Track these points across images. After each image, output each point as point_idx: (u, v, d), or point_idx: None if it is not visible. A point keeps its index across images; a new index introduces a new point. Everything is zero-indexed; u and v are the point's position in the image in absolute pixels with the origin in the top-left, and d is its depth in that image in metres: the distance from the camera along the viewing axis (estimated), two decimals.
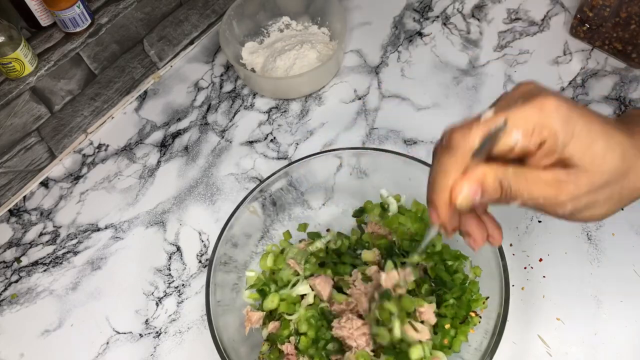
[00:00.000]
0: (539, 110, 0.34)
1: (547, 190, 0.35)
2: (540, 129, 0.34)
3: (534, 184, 0.35)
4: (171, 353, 0.64)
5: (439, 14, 0.88)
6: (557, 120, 0.34)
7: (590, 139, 0.34)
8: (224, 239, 0.61)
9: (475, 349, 0.54)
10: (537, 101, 0.34)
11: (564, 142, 0.34)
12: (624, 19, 0.72)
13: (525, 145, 0.35)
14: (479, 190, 0.35)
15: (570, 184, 0.35)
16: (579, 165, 0.35)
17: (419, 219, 0.61)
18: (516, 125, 0.34)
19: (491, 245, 0.43)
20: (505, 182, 0.35)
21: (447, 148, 0.36)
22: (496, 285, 0.54)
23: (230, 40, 0.84)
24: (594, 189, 0.35)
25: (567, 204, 0.35)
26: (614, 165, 0.35)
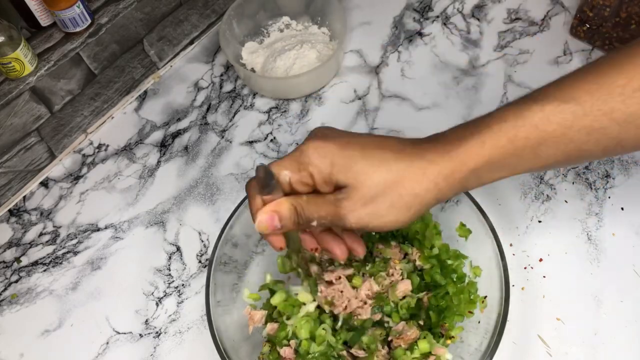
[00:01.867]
0: (300, 154, 0.43)
1: (330, 208, 0.43)
2: (305, 166, 0.43)
3: (321, 205, 0.43)
4: (171, 353, 0.64)
5: (439, 14, 0.88)
6: (314, 158, 0.43)
7: (348, 162, 0.42)
8: (224, 239, 0.61)
9: (475, 349, 0.54)
10: (300, 147, 0.44)
11: (328, 172, 0.42)
12: (624, 19, 0.72)
13: (298, 179, 0.43)
14: (276, 217, 0.43)
15: (345, 200, 0.42)
16: (346, 184, 0.42)
17: (418, 219, 0.60)
18: (285, 168, 0.44)
19: (356, 256, 0.49)
20: (299, 207, 0.43)
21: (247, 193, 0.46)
22: (496, 285, 0.54)
23: (230, 40, 0.84)
24: (367, 200, 0.42)
25: (348, 216, 0.42)
26: (380, 178, 0.42)
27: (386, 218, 0.43)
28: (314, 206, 0.43)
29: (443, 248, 0.59)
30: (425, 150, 0.43)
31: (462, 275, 0.58)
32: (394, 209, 0.42)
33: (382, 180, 0.42)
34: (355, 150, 0.43)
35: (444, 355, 0.54)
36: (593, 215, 0.65)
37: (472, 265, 0.59)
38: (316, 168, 0.43)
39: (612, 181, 0.67)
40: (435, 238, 0.59)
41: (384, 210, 0.42)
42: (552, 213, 0.66)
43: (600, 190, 0.67)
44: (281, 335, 0.55)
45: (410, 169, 0.42)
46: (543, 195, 0.68)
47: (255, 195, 0.44)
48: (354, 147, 0.43)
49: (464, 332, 0.56)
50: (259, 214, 0.44)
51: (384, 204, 0.42)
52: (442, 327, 0.56)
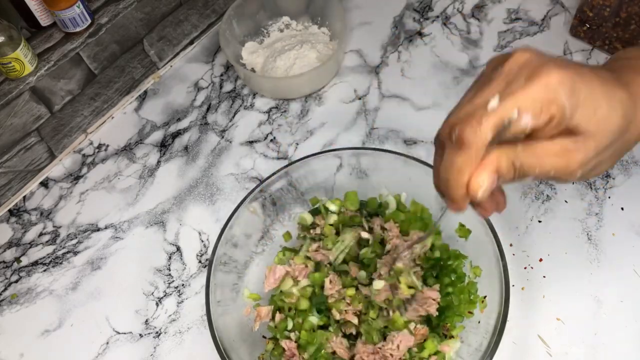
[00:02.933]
0: (544, 89, 0.33)
1: (557, 161, 0.35)
2: (547, 106, 0.34)
3: (544, 157, 0.35)
4: (171, 353, 0.64)
5: (439, 14, 0.88)
6: (563, 94, 0.33)
7: (594, 104, 0.34)
8: (224, 239, 0.61)
9: (475, 349, 0.54)
10: (542, 79, 0.34)
11: (570, 113, 0.34)
12: (624, 18, 0.72)
13: (534, 125, 0.34)
14: (496, 177, 0.35)
15: (579, 151, 0.35)
16: (585, 131, 0.35)
17: (418, 218, 0.61)
18: (525, 109, 0.34)
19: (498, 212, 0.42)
20: (517, 161, 0.35)
21: (459, 145, 0.35)
22: (496, 285, 0.54)
23: (230, 40, 0.84)
24: (600, 151, 0.35)
25: (577, 171, 0.35)
26: (617, 125, 0.35)
27: (603, 167, 0.37)
28: (534, 158, 0.35)
29: (443, 248, 0.59)
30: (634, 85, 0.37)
31: (462, 275, 0.58)
32: (613, 156, 0.37)
33: (618, 126, 0.35)
34: (595, 85, 0.35)
35: (449, 353, 0.54)
36: (593, 215, 0.65)
37: (472, 266, 0.59)
38: (562, 110, 0.34)
39: (612, 181, 0.67)
40: (435, 238, 0.59)
41: (607, 159, 0.37)
42: (552, 213, 0.66)
43: (600, 190, 0.67)
44: (282, 326, 0.56)
45: (636, 113, 0.36)
46: (543, 195, 0.68)
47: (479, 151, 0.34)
48: (591, 81, 0.35)
49: (463, 332, 0.56)
50: (480, 178, 0.35)
51: (608, 153, 0.36)
52: (444, 327, 0.56)
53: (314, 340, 0.55)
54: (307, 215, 0.64)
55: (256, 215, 0.65)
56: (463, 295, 0.57)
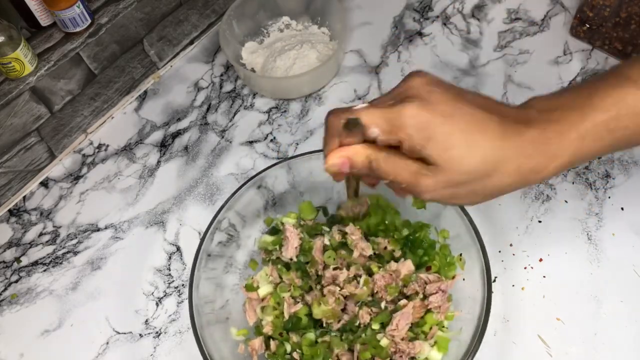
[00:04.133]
0: (397, 116, 0.39)
1: (408, 177, 0.40)
2: (396, 130, 0.39)
3: (401, 169, 0.40)
4: (171, 353, 0.64)
5: (439, 14, 0.88)
6: (411, 127, 0.39)
7: (447, 144, 0.38)
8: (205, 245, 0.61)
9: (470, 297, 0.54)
10: (399, 108, 0.39)
11: (420, 144, 0.39)
12: (624, 19, 0.72)
13: (385, 140, 0.40)
14: (347, 163, 0.42)
15: (429, 178, 0.40)
16: (435, 163, 0.39)
17: (377, 206, 0.61)
18: (375, 124, 0.40)
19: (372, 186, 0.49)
20: (375, 162, 0.41)
21: (325, 126, 0.43)
22: (471, 244, 0.56)
23: (230, 40, 0.84)
24: (452, 185, 0.40)
25: (425, 194, 0.40)
26: (473, 167, 0.39)
27: (461, 201, 0.42)
28: (392, 167, 0.41)
29: (405, 224, 0.61)
30: (524, 139, 0.40)
31: (432, 242, 0.60)
32: (473, 195, 0.41)
33: (475, 169, 0.39)
34: (457, 127, 0.39)
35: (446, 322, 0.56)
36: (593, 215, 0.65)
37: (438, 231, 0.60)
38: (409, 137, 0.39)
39: (612, 181, 0.67)
40: (395, 218, 0.61)
41: (463, 195, 0.41)
42: (552, 213, 0.66)
43: (600, 190, 0.67)
44: (281, 351, 0.56)
45: (507, 162, 0.39)
46: (543, 195, 0.68)
47: (334, 135, 0.42)
48: (457, 123, 0.39)
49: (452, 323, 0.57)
50: (331, 156, 0.42)
51: (465, 189, 0.40)
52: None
53: (318, 352, 0.55)
54: (266, 237, 0.63)
55: (258, 217, 0.65)
56: (439, 259, 0.58)
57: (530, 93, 0.76)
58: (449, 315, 0.56)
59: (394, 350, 0.54)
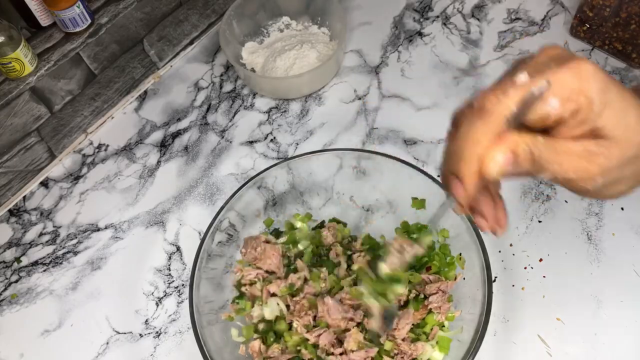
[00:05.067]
0: (576, 75, 0.31)
1: (577, 162, 0.33)
2: (577, 95, 0.31)
3: (565, 155, 0.33)
4: (171, 353, 0.64)
5: (439, 14, 0.88)
6: (594, 87, 0.31)
7: (623, 109, 0.32)
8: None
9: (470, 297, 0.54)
10: (575, 65, 0.31)
11: (598, 110, 0.32)
12: (624, 19, 0.72)
13: (559, 113, 0.32)
14: (512, 159, 0.32)
15: (601, 155, 0.33)
16: (611, 136, 0.32)
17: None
18: (552, 92, 0.31)
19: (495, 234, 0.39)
20: (537, 152, 0.32)
21: (479, 112, 0.32)
22: (471, 244, 0.56)
23: (230, 40, 0.84)
24: (624, 161, 0.33)
25: (598, 177, 0.33)
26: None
27: (622, 186, 0.35)
28: (554, 154, 0.33)
29: (403, 225, 0.61)
30: None
31: (431, 243, 0.59)
32: (636, 175, 0.34)
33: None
34: (627, 93, 0.33)
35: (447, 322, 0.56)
36: (593, 215, 0.65)
37: (438, 231, 0.60)
38: (590, 103, 0.32)
39: None
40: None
41: (628, 176, 0.34)
42: (552, 213, 0.66)
43: None
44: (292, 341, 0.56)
45: None
46: (543, 195, 0.68)
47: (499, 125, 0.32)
48: (624, 89, 0.33)
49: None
50: (496, 149, 0.32)
51: (631, 168, 0.34)
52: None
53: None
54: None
55: (259, 217, 0.65)
56: (439, 259, 0.58)
57: None
58: (449, 316, 0.56)
59: (396, 352, 0.54)
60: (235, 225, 0.64)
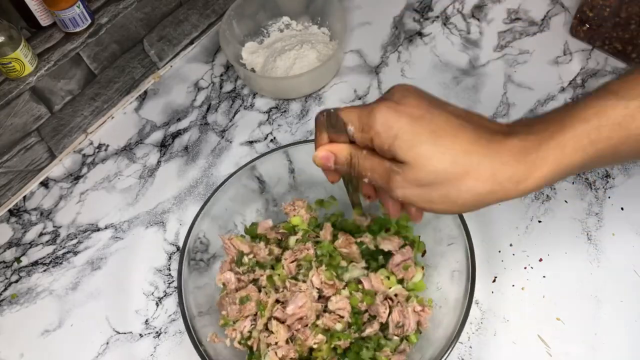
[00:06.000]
0: (367, 114, 0.42)
1: (382, 175, 0.43)
2: (368, 128, 0.42)
3: (376, 167, 0.43)
4: (171, 353, 0.64)
5: (439, 14, 0.88)
6: (379, 124, 0.41)
7: (413, 142, 0.40)
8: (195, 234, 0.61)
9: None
10: (371, 107, 0.42)
11: (387, 142, 0.41)
12: (624, 19, 0.72)
13: (359, 137, 0.43)
14: (332, 158, 0.45)
15: (398, 175, 0.41)
16: (404, 160, 0.41)
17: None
18: (350, 121, 0.43)
19: (413, 220, 0.49)
20: (355, 159, 0.44)
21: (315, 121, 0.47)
22: (462, 257, 0.56)
23: (230, 40, 0.84)
24: (421, 184, 0.41)
25: (396, 190, 0.42)
26: (442, 168, 0.40)
27: (435, 206, 0.42)
28: (369, 164, 0.44)
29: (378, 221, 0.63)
30: (501, 147, 0.40)
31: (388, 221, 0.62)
32: (447, 200, 0.41)
33: (444, 170, 0.40)
34: (425, 129, 0.41)
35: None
36: (593, 215, 0.65)
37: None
38: (378, 135, 0.42)
39: (612, 181, 0.67)
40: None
41: (437, 198, 0.41)
42: (552, 213, 0.66)
43: (600, 190, 0.67)
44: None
45: (479, 167, 0.39)
46: (543, 195, 0.68)
47: (322, 130, 0.46)
48: (426, 125, 0.41)
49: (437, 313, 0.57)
50: (320, 148, 0.46)
51: (437, 192, 0.41)
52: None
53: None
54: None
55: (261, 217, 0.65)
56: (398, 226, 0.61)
57: (530, 93, 0.76)
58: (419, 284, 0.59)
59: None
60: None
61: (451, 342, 0.51)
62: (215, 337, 0.56)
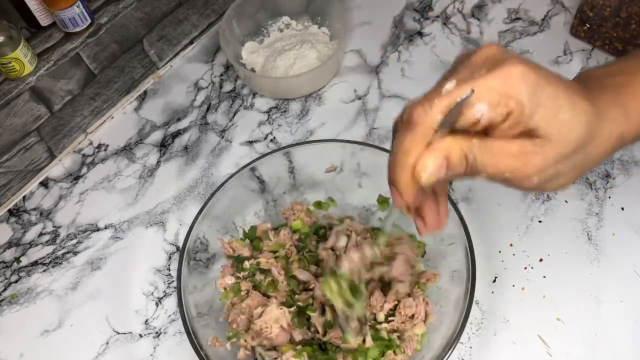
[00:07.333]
0: (504, 80, 0.32)
1: (513, 162, 0.34)
2: (506, 99, 0.32)
3: (500, 156, 0.34)
4: (171, 353, 0.64)
5: (439, 14, 0.88)
6: (523, 90, 0.32)
7: (556, 108, 0.33)
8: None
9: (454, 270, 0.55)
10: (503, 70, 0.32)
11: (530, 112, 0.33)
12: (624, 18, 0.72)
13: (490, 117, 0.33)
14: (445, 165, 0.33)
15: (537, 155, 0.34)
16: (545, 135, 0.33)
17: None
18: (481, 97, 0.32)
19: (437, 228, 0.41)
20: (471, 155, 0.33)
21: (407, 125, 0.34)
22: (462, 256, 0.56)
23: (230, 40, 0.84)
24: (560, 159, 0.34)
25: (534, 176, 0.34)
26: (580, 134, 0.34)
27: (561, 180, 0.36)
28: (489, 156, 0.34)
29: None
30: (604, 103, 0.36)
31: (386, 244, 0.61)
32: (574, 170, 0.35)
33: (580, 135, 0.34)
34: (560, 90, 0.33)
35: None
36: (593, 215, 0.65)
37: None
38: (521, 106, 0.32)
39: (612, 181, 0.67)
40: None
41: (565, 172, 0.35)
42: (552, 213, 0.66)
43: (600, 190, 0.67)
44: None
45: (602, 126, 0.35)
46: (543, 195, 0.68)
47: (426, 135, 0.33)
48: (557, 84, 0.34)
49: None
50: (426, 157, 0.33)
51: (568, 164, 0.35)
52: None
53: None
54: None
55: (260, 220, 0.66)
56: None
57: None
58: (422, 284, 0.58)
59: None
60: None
61: (452, 342, 0.51)
62: (217, 341, 0.56)
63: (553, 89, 0.33)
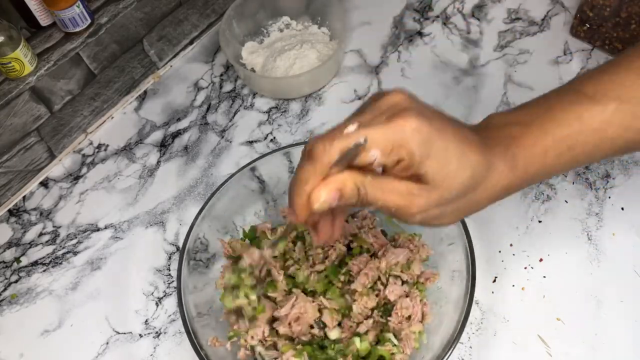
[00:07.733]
0: (399, 131, 0.35)
1: (399, 200, 0.37)
2: (398, 149, 0.35)
3: (389, 193, 0.37)
4: (171, 353, 0.64)
5: (439, 14, 0.88)
6: (414, 142, 0.35)
7: (445, 159, 0.36)
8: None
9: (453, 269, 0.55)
10: (399, 122, 0.35)
11: (420, 161, 0.36)
12: (624, 18, 0.72)
13: (382, 162, 0.36)
14: (337, 196, 0.37)
15: (422, 198, 0.37)
16: (431, 181, 0.37)
17: None
18: (375, 144, 0.35)
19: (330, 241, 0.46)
20: (362, 189, 0.37)
21: (308, 157, 0.37)
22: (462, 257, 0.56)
23: (230, 40, 0.84)
24: (443, 203, 0.38)
25: (417, 215, 0.38)
26: (463, 184, 0.37)
27: (445, 220, 0.39)
28: (380, 192, 0.37)
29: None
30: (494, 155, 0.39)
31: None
32: (457, 211, 0.39)
33: (466, 184, 0.38)
34: (450, 142, 0.36)
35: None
36: (593, 215, 0.65)
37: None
38: (411, 155, 0.35)
39: (612, 181, 0.67)
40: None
41: (449, 213, 0.39)
42: (552, 213, 0.66)
43: (600, 190, 0.67)
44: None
45: (489, 177, 0.39)
46: (543, 195, 0.68)
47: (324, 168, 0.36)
48: (449, 137, 0.37)
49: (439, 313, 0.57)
50: (321, 192, 0.36)
51: (452, 207, 0.38)
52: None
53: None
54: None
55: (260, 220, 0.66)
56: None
57: (531, 93, 0.76)
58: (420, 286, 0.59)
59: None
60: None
61: (452, 342, 0.51)
62: (217, 341, 0.56)
63: (444, 143, 0.36)
